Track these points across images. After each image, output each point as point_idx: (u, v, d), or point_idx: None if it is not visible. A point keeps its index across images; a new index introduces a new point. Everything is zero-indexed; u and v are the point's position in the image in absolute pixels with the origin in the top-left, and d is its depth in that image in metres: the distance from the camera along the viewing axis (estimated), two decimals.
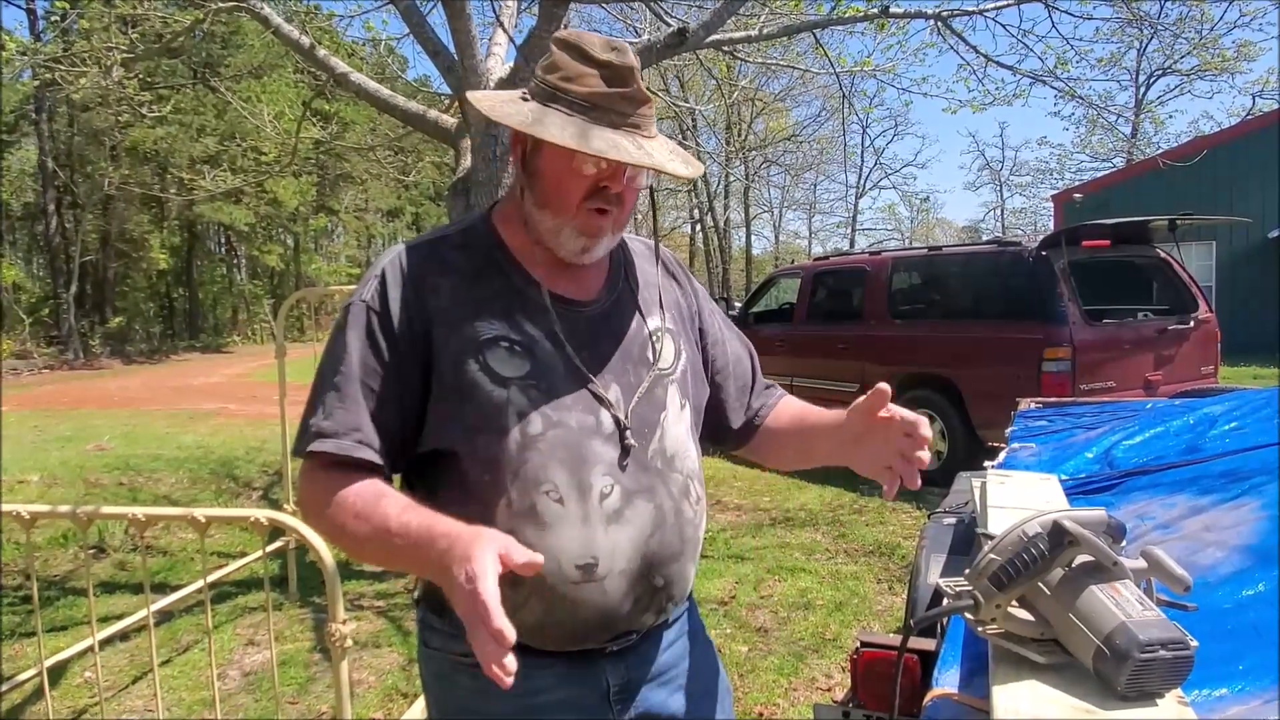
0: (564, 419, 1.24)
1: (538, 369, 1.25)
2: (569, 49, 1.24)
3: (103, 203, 27.16)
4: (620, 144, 1.19)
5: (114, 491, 7.45)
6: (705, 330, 1.52)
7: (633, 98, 1.23)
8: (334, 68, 5.83)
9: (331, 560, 2.08)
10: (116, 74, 7.12)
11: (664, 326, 1.40)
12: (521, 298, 1.29)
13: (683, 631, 1.44)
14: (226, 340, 33.32)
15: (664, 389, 1.35)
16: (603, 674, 1.32)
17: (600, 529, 1.23)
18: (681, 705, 1.40)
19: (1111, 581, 1.11)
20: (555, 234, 1.27)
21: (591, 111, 1.21)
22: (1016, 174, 42.53)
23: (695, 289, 1.54)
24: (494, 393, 1.22)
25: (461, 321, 1.25)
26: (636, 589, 1.27)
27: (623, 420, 1.28)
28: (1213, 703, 1.16)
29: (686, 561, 1.35)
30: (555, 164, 1.24)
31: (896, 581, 4.77)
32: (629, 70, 1.23)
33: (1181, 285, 7.18)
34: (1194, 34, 7.68)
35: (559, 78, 1.23)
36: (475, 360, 1.23)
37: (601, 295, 1.36)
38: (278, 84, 20.47)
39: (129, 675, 3.82)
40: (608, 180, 1.24)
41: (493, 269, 1.31)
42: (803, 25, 6.35)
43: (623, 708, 1.34)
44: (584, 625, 1.26)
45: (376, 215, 43.02)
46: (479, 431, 1.22)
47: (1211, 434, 2.28)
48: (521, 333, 1.26)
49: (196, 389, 16.85)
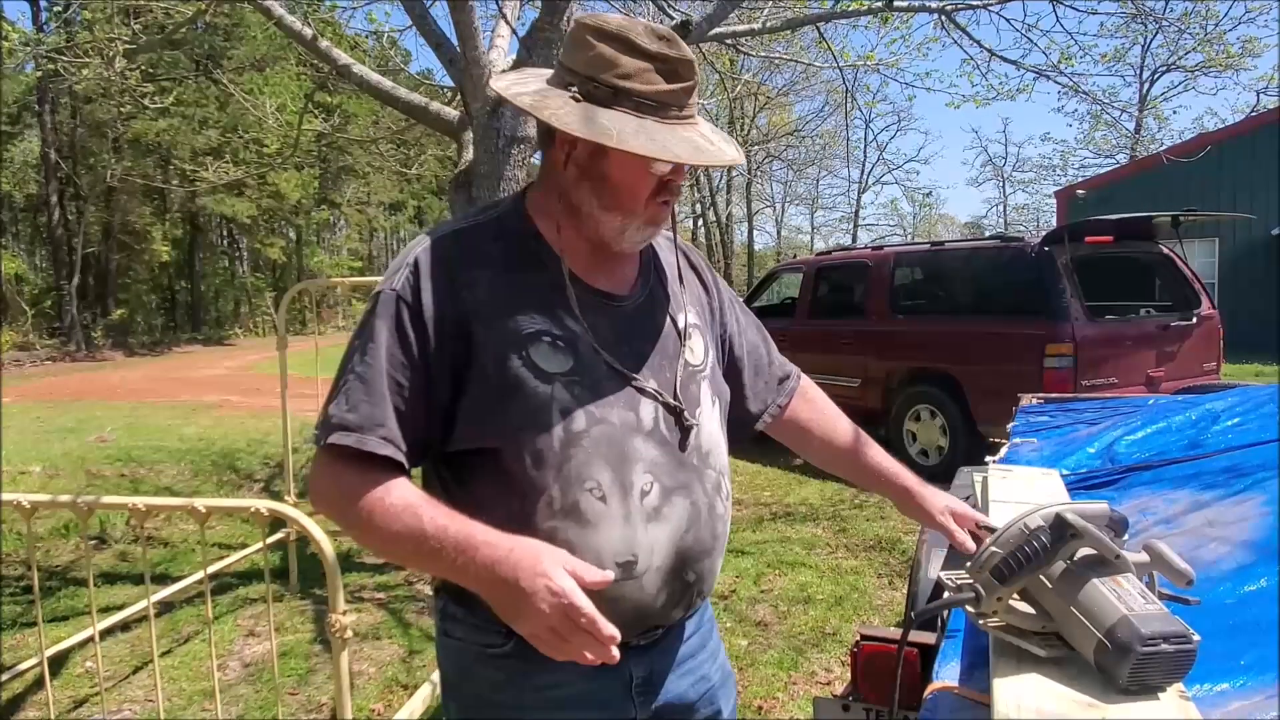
0: (607, 415, 1.23)
1: (580, 365, 1.23)
2: (612, 40, 1.20)
3: (105, 194, 27.14)
4: (698, 144, 1.19)
5: (115, 483, 7.45)
6: (725, 322, 1.51)
7: (690, 89, 1.22)
8: (336, 59, 5.82)
9: (332, 552, 2.08)
10: (119, 65, 7.10)
11: (692, 322, 1.40)
12: (561, 292, 1.26)
13: (701, 622, 1.46)
14: (228, 333, 33.31)
15: (697, 385, 1.35)
16: (627, 668, 1.31)
17: (640, 527, 1.23)
18: (698, 693, 1.42)
19: (1114, 575, 1.11)
20: (620, 232, 1.26)
21: (658, 111, 1.19)
22: (1020, 170, 42.54)
23: (715, 280, 1.53)
24: (538, 389, 1.20)
25: (502, 316, 1.22)
26: (670, 585, 1.27)
27: (675, 405, 1.29)
28: (1214, 697, 1.16)
29: (716, 557, 1.36)
30: (628, 170, 1.21)
31: (897, 576, 4.77)
32: (686, 63, 1.21)
33: (1184, 281, 7.17)
34: (1199, 30, 7.67)
35: (614, 75, 1.18)
36: (519, 356, 1.20)
37: (636, 289, 1.36)
38: (280, 76, 20.42)
39: (130, 665, 3.83)
40: (673, 176, 1.24)
41: (531, 262, 1.28)
42: (806, 19, 6.33)
43: (644, 700, 1.35)
44: (618, 621, 1.23)
45: (379, 208, 42.98)
46: (522, 428, 1.20)
47: (1214, 430, 2.27)
48: (563, 328, 1.24)
49: (198, 381, 16.85)
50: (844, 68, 7.47)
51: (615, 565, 1.21)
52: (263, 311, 34.25)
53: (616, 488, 1.21)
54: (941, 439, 7.14)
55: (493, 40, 5.37)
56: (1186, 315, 6.93)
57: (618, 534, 1.21)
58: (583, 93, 1.19)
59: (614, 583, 1.19)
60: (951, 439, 7.03)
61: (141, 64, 8.47)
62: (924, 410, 7.29)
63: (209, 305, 34.74)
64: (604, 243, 1.28)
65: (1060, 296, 6.33)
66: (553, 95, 1.22)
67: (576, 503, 1.20)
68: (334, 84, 9.37)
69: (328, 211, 38.29)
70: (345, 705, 2.19)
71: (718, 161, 1.21)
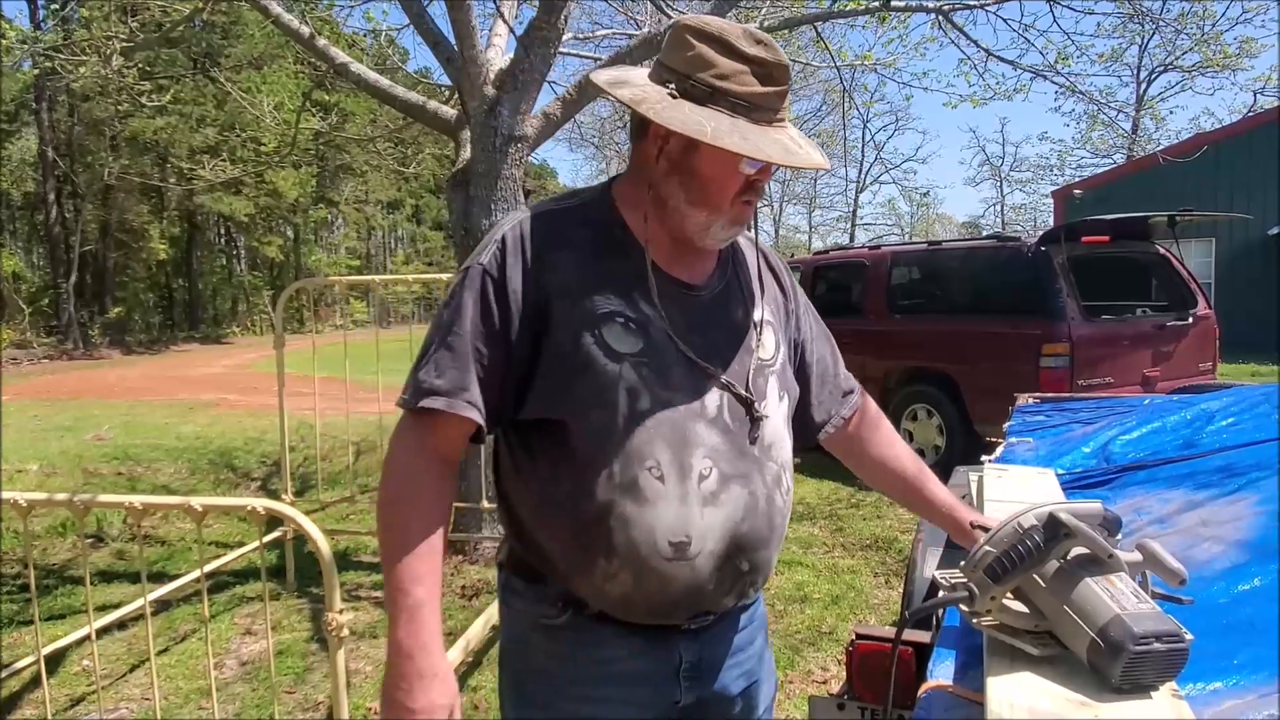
0: (672, 399, 1.27)
1: (650, 348, 1.27)
2: (712, 41, 1.24)
3: (103, 192, 27.12)
4: (788, 147, 1.22)
5: (113, 481, 7.45)
6: (800, 327, 1.55)
7: (783, 94, 1.25)
8: (334, 58, 5.82)
9: (328, 550, 2.08)
10: (116, 63, 7.10)
11: (765, 318, 1.43)
12: (639, 278, 1.31)
13: (753, 617, 1.49)
14: (226, 331, 33.30)
15: (765, 378, 1.38)
16: (677, 650, 1.35)
17: (696, 509, 1.26)
18: (741, 688, 1.45)
19: (1107, 574, 1.11)
20: (705, 228, 1.30)
21: (752, 112, 1.22)
22: (1017, 170, 42.51)
23: (793, 285, 1.56)
24: (607, 367, 1.24)
25: (580, 296, 1.27)
26: (722, 571, 1.29)
27: (745, 396, 1.32)
28: (1208, 696, 1.16)
29: (772, 549, 1.38)
30: (717, 167, 1.25)
31: (893, 575, 4.78)
32: (781, 67, 1.25)
33: (1180, 281, 7.17)
34: (1196, 30, 7.68)
35: (712, 75, 1.22)
36: (591, 334, 1.25)
37: (714, 281, 1.39)
38: (278, 75, 20.38)
39: (126, 664, 3.83)
40: (758, 176, 1.27)
41: (613, 248, 1.33)
42: (804, 18, 6.34)
43: (691, 685, 1.38)
44: (669, 601, 1.29)
45: (377, 207, 42.97)
46: (589, 404, 1.24)
47: (1208, 430, 2.27)
48: (637, 311, 1.29)
49: (196, 379, 16.84)
50: (841, 67, 7.48)
51: (668, 544, 1.24)
52: (260, 310, 34.24)
53: (675, 469, 1.25)
54: (939, 438, 7.14)
55: (490, 39, 5.37)
56: (1182, 315, 6.94)
57: (673, 514, 1.24)
58: (680, 90, 1.24)
59: (667, 562, 1.25)
60: (949, 438, 7.04)
61: (139, 62, 8.47)
62: (921, 410, 7.30)
63: (206, 304, 34.72)
64: (687, 238, 1.32)
65: (1057, 296, 6.34)
66: (651, 90, 1.26)
67: (635, 479, 1.24)
68: (332, 82, 9.36)
69: (325, 210, 38.26)
70: (342, 704, 2.19)
71: (806, 164, 1.23)
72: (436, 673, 1.20)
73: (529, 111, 4.85)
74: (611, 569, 1.25)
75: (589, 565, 1.27)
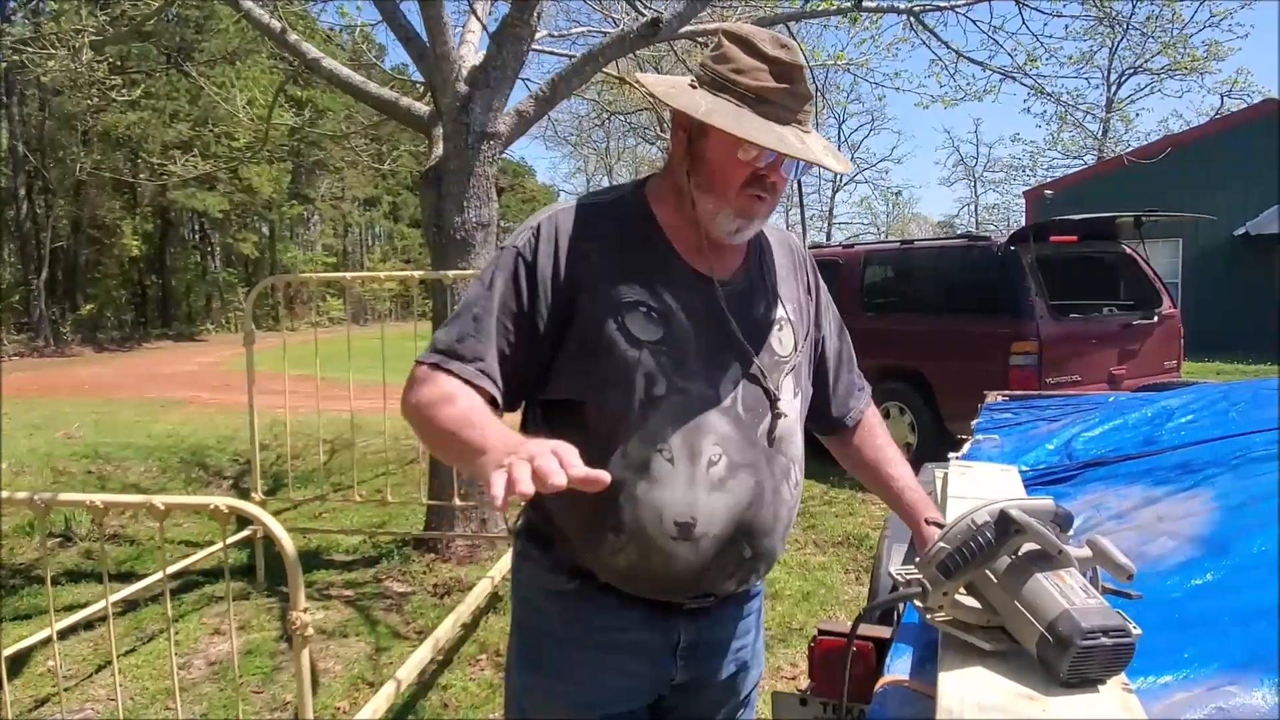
0: (687, 387, 1.33)
1: (670, 337, 1.34)
2: (740, 42, 1.31)
3: (74, 188, 26.73)
4: (785, 137, 1.27)
5: (82, 480, 7.36)
6: (821, 325, 1.60)
7: (798, 95, 1.30)
8: (306, 53, 5.77)
9: (293, 549, 2.07)
10: (86, 57, 7.01)
11: (786, 316, 1.48)
12: (665, 269, 1.38)
13: (755, 606, 1.55)
14: (200, 328, 32.94)
15: (780, 373, 1.43)
16: (677, 628, 1.43)
17: (703, 493, 1.32)
18: (730, 672, 1.52)
19: (1057, 570, 1.12)
20: (713, 216, 1.35)
21: (759, 105, 1.28)
22: (990, 170, 42.65)
23: (819, 285, 1.62)
24: (627, 352, 1.31)
25: (607, 284, 1.34)
26: (725, 554, 1.35)
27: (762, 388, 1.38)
28: (1158, 690, 1.17)
29: (777, 539, 1.43)
30: (720, 152, 1.31)
31: (864, 572, 4.81)
32: (797, 69, 1.30)
33: (1146, 281, 7.27)
34: (1164, 33, 7.77)
35: (730, 69, 1.30)
36: (614, 321, 1.32)
37: (738, 277, 1.45)
38: (252, 70, 20.18)
39: (92, 664, 3.78)
40: (767, 170, 1.31)
41: (641, 240, 1.39)
42: (776, 17, 6.37)
43: (686, 664, 1.45)
44: (671, 578, 1.35)
45: (353, 204, 42.63)
46: (608, 386, 1.31)
47: (1168, 427, 2.31)
48: (660, 301, 1.35)
49: (168, 377, 16.65)
50: (815, 67, 7.51)
51: (674, 524, 1.31)
52: (235, 307, 33.90)
53: (685, 452, 1.31)
54: (910, 436, 7.19)
55: (463, 35, 5.35)
56: (1148, 314, 7.03)
57: (680, 495, 1.31)
58: (700, 81, 1.33)
59: (672, 540, 1.31)
60: (920, 436, 7.09)
61: (110, 56, 8.36)
62: (893, 407, 7.35)
63: (180, 301, 34.32)
64: (703, 226, 1.37)
65: (1026, 295, 6.41)
66: (676, 81, 1.37)
67: (647, 460, 1.30)
68: (306, 78, 9.30)
69: (301, 206, 37.92)
70: (306, 704, 2.18)
71: (802, 156, 1.27)
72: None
73: (502, 109, 4.83)
74: (619, 543, 1.32)
75: (598, 538, 1.33)
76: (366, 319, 31.51)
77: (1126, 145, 17.85)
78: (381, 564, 5.10)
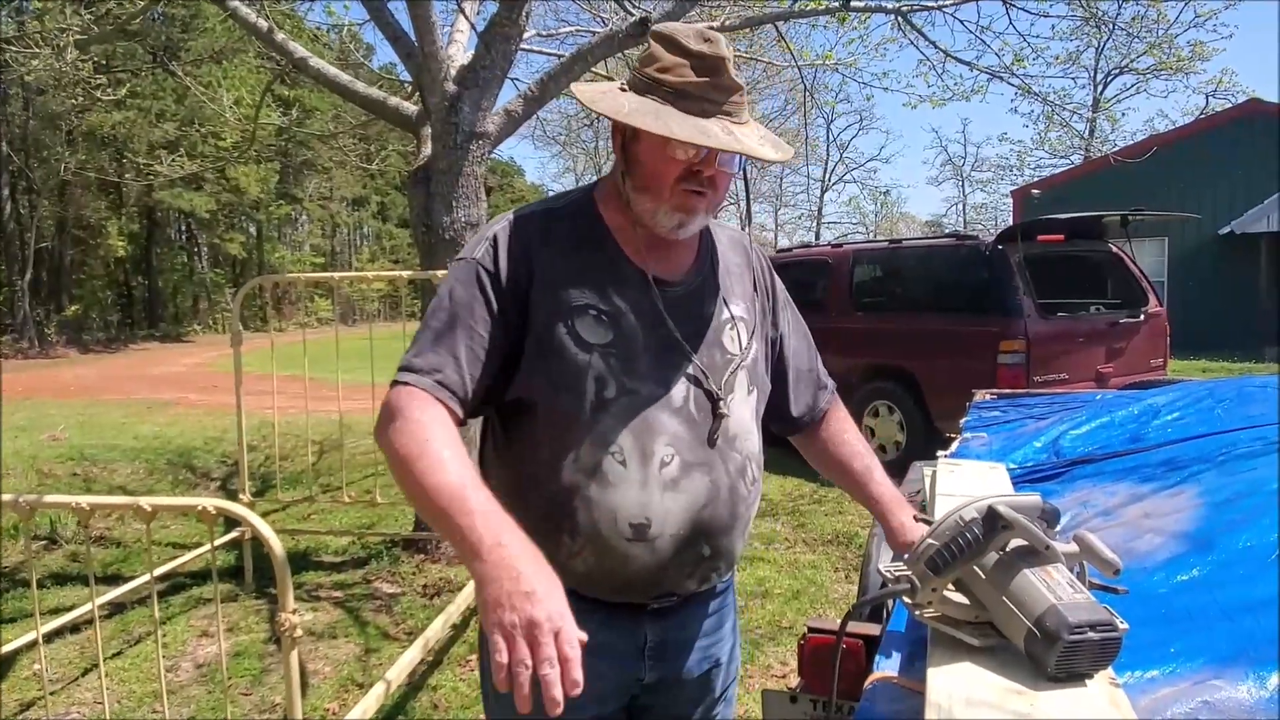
0: (638, 388, 1.33)
1: (620, 339, 1.34)
2: (663, 41, 1.32)
3: (59, 188, 26.55)
4: (709, 130, 1.26)
5: (68, 482, 7.31)
6: (778, 324, 1.60)
7: (723, 86, 1.30)
8: (293, 53, 5.75)
9: (281, 550, 2.07)
10: (70, 56, 6.96)
11: (740, 315, 1.48)
12: (615, 272, 1.38)
13: (724, 604, 1.54)
14: (187, 329, 32.76)
15: (734, 373, 1.43)
16: (643, 629, 1.42)
17: (657, 494, 1.32)
18: (703, 670, 1.51)
19: (1044, 565, 1.13)
20: (653, 214, 1.35)
21: (683, 100, 1.28)
22: (978, 169, 42.74)
23: (774, 283, 1.61)
24: (577, 356, 1.31)
25: (558, 288, 1.34)
26: (683, 554, 1.35)
27: (710, 388, 1.37)
28: (1145, 684, 1.18)
29: (735, 536, 1.43)
30: (651, 151, 1.32)
31: (853, 570, 4.82)
32: (719, 60, 1.30)
33: (1133, 280, 7.32)
34: (1149, 34, 7.82)
35: (655, 69, 1.31)
36: (564, 324, 1.33)
37: (689, 277, 1.45)
38: (239, 69, 20.09)
39: (79, 667, 3.76)
40: (700, 165, 1.31)
41: (592, 243, 1.40)
42: (765, 17, 6.37)
43: (654, 663, 1.45)
44: (630, 580, 1.35)
45: (341, 204, 42.49)
46: (560, 390, 1.32)
47: (1154, 424, 2.33)
48: (610, 304, 1.35)
49: (155, 378, 16.56)
50: (803, 67, 7.53)
51: (628, 525, 1.31)
52: (222, 308, 33.72)
53: (637, 454, 1.31)
54: (899, 434, 7.22)
55: (451, 35, 5.34)
56: (1135, 313, 7.08)
57: (633, 497, 1.31)
58: (629, 84, 1.34)
59: (627, 542, 1.31)
60: (909, 434, 7.11)
61: (95, 55, 8.30)
62: (882, 406, 7.37)
63: (167, 301, 34.14)
64: (646, 226, 1.37)
65: (1013, 294, 6.44)
66: (606, 88, 1.38)
67: (599, 463, 1.30)
68: (293, 77, 9.26)
69: (288, 206, 37.76)
70: (295, 705, 2.17)
71: (726, 147, 1.26)
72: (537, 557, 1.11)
73: (490, 108, 4.83)
74: (575, 547, 1.32)
75: (555, 542, 1.31)
76: (355, 319, 31.43)
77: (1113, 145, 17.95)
78: (370, 565, 5.09)
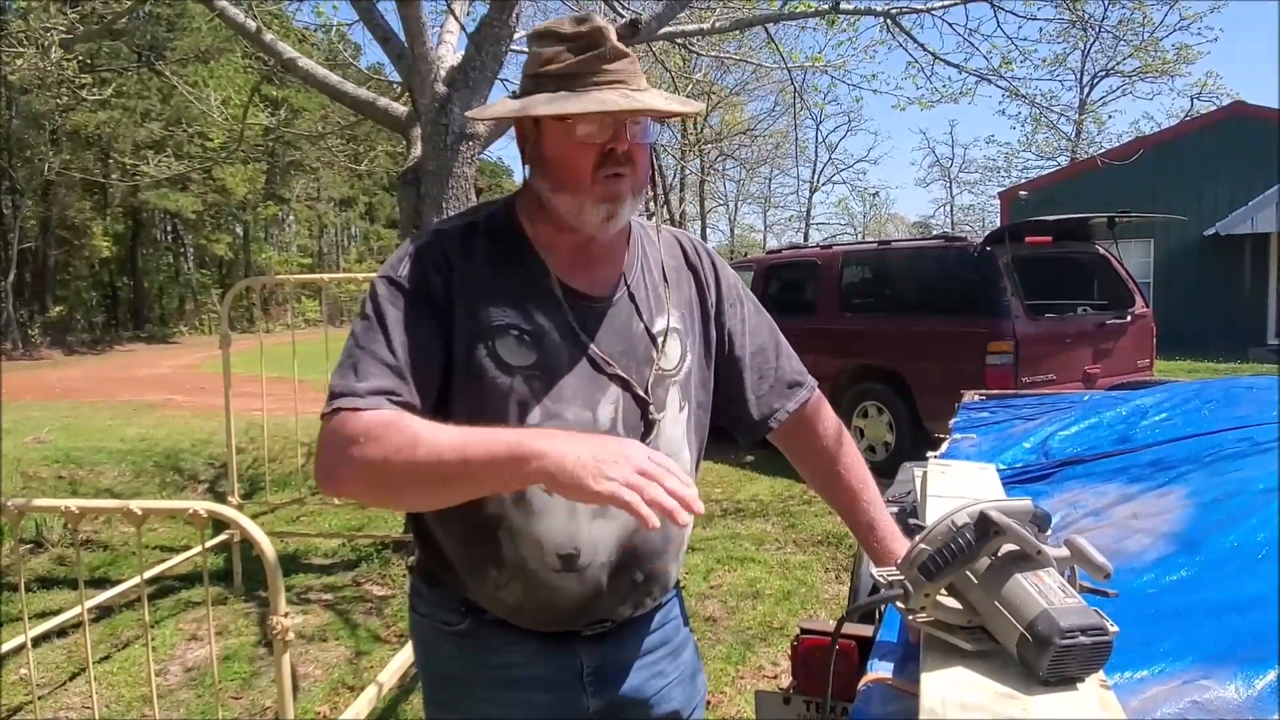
0: (562, 412, 1.26)
1: (543, 360, 1.27)
2: (540, 38, 1.28)
3: (43, 188, 26.32)
4: (607, 99, 1.21)
5: (53, 485, 7.26)
6: (724, 322, 1.48)
7: (607, 56, 1.24)
8: (281, 53, 5.73)
9: (272, 553, 2.06)
10: (55, 55, 6.92)
11: (672, 326, 1.39)
12: (536, 288, 1.30)
13: (666, 619, 1.48)
14: (173, 330, 32.54)
15: (665, 389, 1.36)
16: (578, 655, 1.36)
17: (585, 522, 1.26)
18: (654, 689, 1.44)
19: (1036, 570, 1.14)
20: (578, 212, 1.27)
21: (570, 82, 1.23)
22: (966, 171, 42.84)
23: (720, 279, 1.50)
24: (499, 379, 1.25)
25: (478, 306, 1.27)
26: (616, 581, 1.31)
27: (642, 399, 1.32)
28: (1135, 684, 1.19)
29: (669, 560, 1.39)
30: (557, 144, 1.26)
31: (844, 571, 4.84)
32: (597, 31, 1.25)
33: (1120, 281, 7.36)
34: (1135, 37, 7.87)
35: (539, 66, 1.26)
36: (485, 346, 1.25)
37: (614, 291, 1.36)
38: (226, 69, 20.00)
39: (67, 671, 3.74)
40: (613, 143, 1.24)
41: (512, 259, 1.32)
42: (754, 19, 6.38)
43: (596, 690, 1.38)
44: (560, 610, 1.31)
45: (329, 204, 42.30)
46: (481, 415, 1.23)
47: (1142, 425, 2.34)
48: (532, 323, 1.28)
49: (141, 380, 16.45)
50: (792, 68, 7.55)
51: (556, 556, 1.26)
52: (209, 309, 33.51)
53: None
54: (889, 435, 7.25)
55: (441, 35, 5.33)
56: (1122, 314, 7.13)
57: (560, 526, 1.25)
58: (520, 90, 1.29)
59: (555, 573, 1.27)
60: (898, 435, 7.14)
61: (80, 54, 8.26)
62: (871, 407, 7.40)
63: (153, 303, 33.88)
64: (574, 228, 1.29)
65: (1001, 295, 6.47)
66: (503, 101, 1.34)
67: (524, 492, 1.24)
68: (281, 77, 9.22)
69: (276, 207, 37.58)
70: (287, 708, 2.17)
71: (627, 107, 1.20)
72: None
73: None
74: (503, 579, 1.28)
75: (482, 574, 1.29)
76: (343, 320, 31.27)
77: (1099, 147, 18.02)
78: (361, 567, 5.07)
